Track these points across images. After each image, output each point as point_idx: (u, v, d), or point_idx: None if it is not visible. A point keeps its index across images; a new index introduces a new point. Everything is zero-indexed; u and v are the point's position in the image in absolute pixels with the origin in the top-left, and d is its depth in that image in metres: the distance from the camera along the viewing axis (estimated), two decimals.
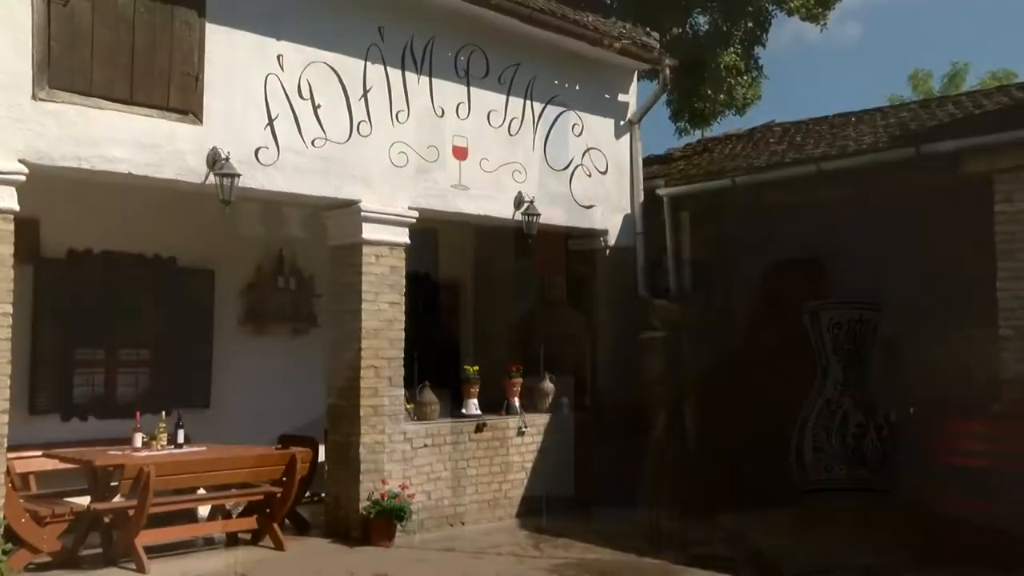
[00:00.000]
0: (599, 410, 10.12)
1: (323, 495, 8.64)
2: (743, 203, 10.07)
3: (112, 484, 7.05)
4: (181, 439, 7.66)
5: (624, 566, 7.54)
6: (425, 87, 8.71)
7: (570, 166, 10.04)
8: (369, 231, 8.26)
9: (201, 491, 7.77)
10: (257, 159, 7.53)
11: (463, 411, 9.20)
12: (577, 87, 10.15)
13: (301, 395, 9.64)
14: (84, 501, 7.07)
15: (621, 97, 10.70)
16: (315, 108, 7.92)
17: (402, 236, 8.53)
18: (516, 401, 9.58)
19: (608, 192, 10.42)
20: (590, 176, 10.24)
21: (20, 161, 6.40)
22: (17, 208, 6.46)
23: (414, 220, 8.60)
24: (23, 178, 6.44)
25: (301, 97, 7.85)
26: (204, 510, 8.06)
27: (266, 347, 9.72)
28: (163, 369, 8.94)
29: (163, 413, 7.76)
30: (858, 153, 9.04)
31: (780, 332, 10.63)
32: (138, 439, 7.43)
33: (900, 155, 8.60)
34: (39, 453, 7.58)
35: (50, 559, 6.94)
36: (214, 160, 7.23)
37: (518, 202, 9.40)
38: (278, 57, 7.69)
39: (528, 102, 9.64)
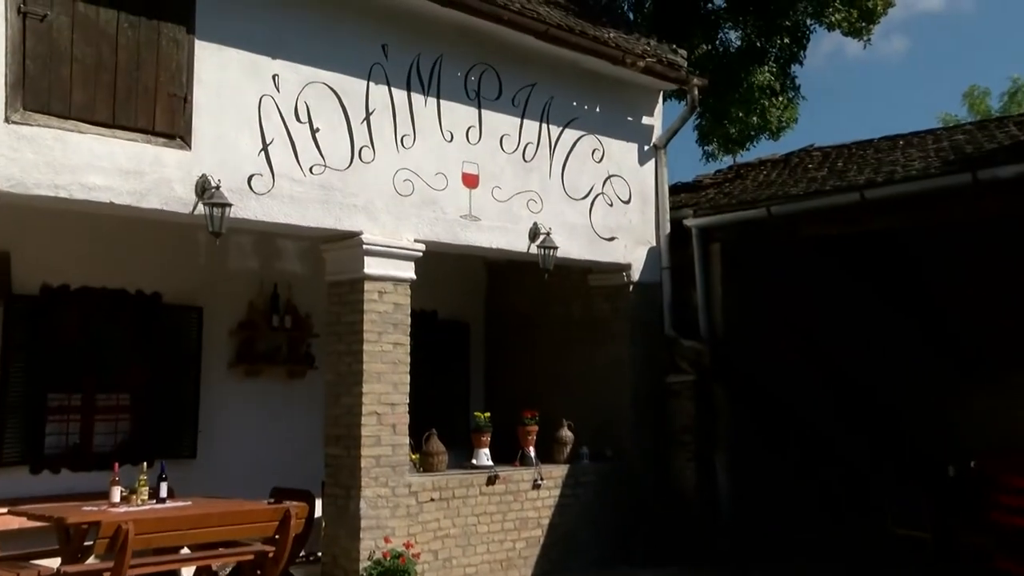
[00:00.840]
0: (622, 461, 10.02)
1: (320, 554, 8.51)
2: (779, 234, 10.03)
3: (86, 544, 6.87)
4: (164, 493, 7.47)
5: None
6: (433, 110, 8.66)
7: (590, 195, 9.95)
8: (371, 265, 8.17)
9: (185, 550, 7.57)
10: (250, 187, 7.45)
11: (473, 462, 9.09)
12: (597, 109, 10.08)
13: (296, 444, 9.55)
14: (54, 563, 6.88)
15: (645, 120, 10.64)
16: (313, 132, 7.86)
17: (407, 271, 8.44)
18: (531, 451, 9.45)
19: (631, 223, 10.32)
20: (612, 206, 10.15)
21: None
22: None
23: (420, 253, 8.51)
24: None
25: (298, 120, 7.79)
26: (188, 572, 7.92)
27: (258, 391, 9.60)
28: (145, 416, 8.82)
29: (144, 464, 7.61)
30: (907, 180, 8.89)
31: (822, 373, 10.52)
32: (116, 493, 7.26)
33: (954, 182, 8.47)
34: (4, 510, 7.45)
35: None
36: (203, 188, 7.16)
37: (533, 234, 9.31)
38: (273, 77, 7.64)
39: (544, 125, 9.58)
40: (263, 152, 7.55)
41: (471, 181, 8.90)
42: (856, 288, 10.92)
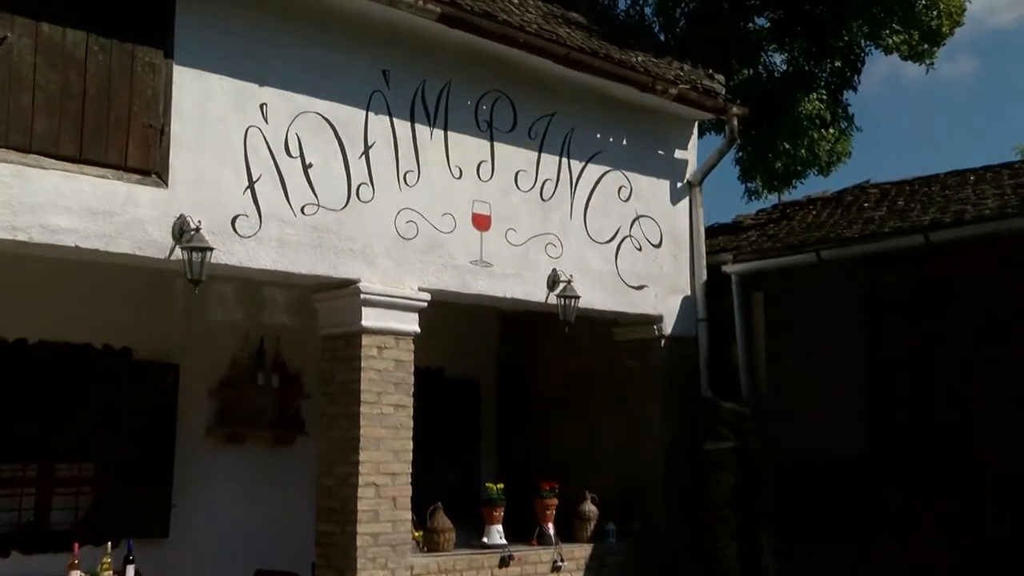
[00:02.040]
0: (653, 539, 9.90)
1: None
2: (831, 282, 9.96)
3: None
4: None
5: None
6: (439, 143, 8.65)
7: (616, 237, 9.91)
8: (370, 317, 8.13)
9: None
10: (234, 229, 7.42)
11: (484, 540, 9.02)
12: (624, 142, 10.06)
13: (283, 520, 9.44)
14: None
15: (678, 153, 10.62)
16: (306, 168, 7.85)
17: (410, 323, 8.39)
18: (550, 528, 9.37)
19: (663, 269, 10.26)
20: (640, 250, 10.09)
21: None
22: None
23: (425, 304, 8.47)
24: None
25: (289, 154, 7.78)
26: None
27: (241, 460, 9.54)
28: (111, 489, 8.77)
29: (109, 544, 7.52)
30: (979, 220, 8.85)
31: (885, 435, 10.36)
32: None
33: None
34: None
35: None
36: (181, 231, 7.13)
37: (552, 282, 9.26)
38: (261, 106, 7.65)
39: (564, 160, 9.56)
40: (249, 190, 7.53)
41: (482, 223, 8.86)
42: (924, 340, 10.80)
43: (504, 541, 8.98)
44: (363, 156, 8.20)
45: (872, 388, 10.50)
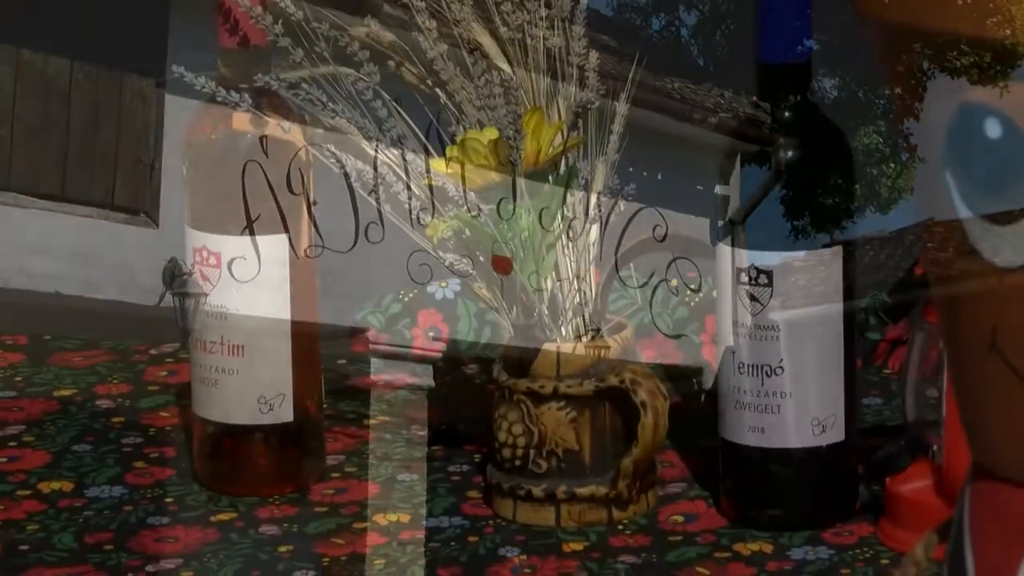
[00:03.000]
0: None
1: None
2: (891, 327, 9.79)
3: None
4: None
5: None
6: (455, 177, 8.62)
7: (650, 281, 9.80)
8: (380, 369, 8.07)
9: None
10: (231, 273, 7.37)
11: None
12: (659, 176, 9.92)
13: None
14: None
15: (719, 189, 10.45)
16: (309, 206, 7.83)
17: (425, 376, 8.28)
18: None
19: (702, 316, 10.15)
20: (678, 295, 9.98)
21: None
22: None
23: (440, 355, 8.38)
24: None
25: (291, 192, 7.75)
26: None
27: (237, 521, 9.49)
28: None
29: None
30: None
31: None
32: None
33: None
34: None
35: None
36: (172, 275, 7.02)
37: (579, 330, 9.18)
38: (261, 139, 7.64)
39: (593, 196, 9.51)
40: (247, 230, 7.50)
41: (503, 266, 8.76)
42: None
43: None
44: (372, 193, 8.17)
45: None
